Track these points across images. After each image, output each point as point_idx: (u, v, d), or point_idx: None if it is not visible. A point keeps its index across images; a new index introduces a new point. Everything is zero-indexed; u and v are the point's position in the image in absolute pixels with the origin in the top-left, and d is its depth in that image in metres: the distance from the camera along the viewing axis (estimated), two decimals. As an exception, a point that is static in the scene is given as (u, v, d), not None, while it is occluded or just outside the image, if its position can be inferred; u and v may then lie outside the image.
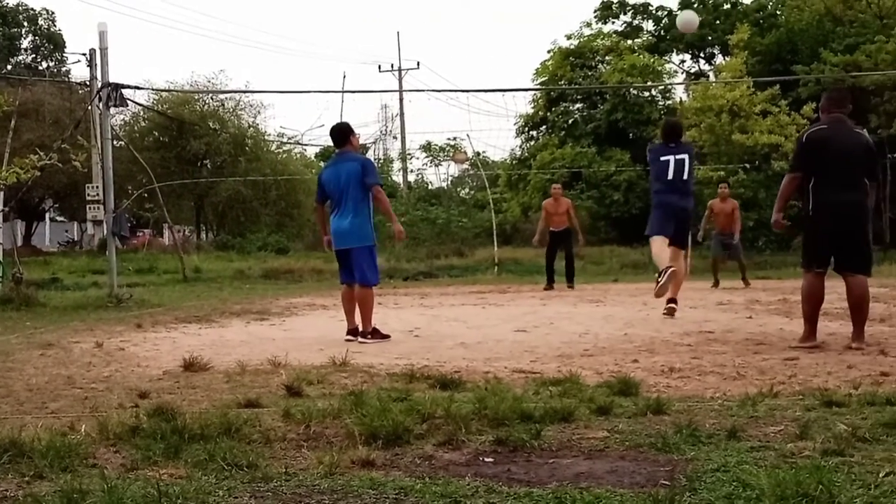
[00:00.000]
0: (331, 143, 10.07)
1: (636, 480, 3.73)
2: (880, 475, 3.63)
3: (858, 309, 8.10)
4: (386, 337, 9.34)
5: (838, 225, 7.98)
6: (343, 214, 9.36)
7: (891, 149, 29.18)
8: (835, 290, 15.41)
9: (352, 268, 9.44)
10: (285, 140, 43.66)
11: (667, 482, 3.65)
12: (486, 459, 4.15)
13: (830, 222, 7.98)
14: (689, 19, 13.26)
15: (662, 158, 11.34)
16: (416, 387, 5.96)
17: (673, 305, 11.22)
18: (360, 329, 9.36)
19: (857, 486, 3.50)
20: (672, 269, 10.70)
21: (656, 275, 10.99)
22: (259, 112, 41.41)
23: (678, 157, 11.27)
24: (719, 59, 41.08)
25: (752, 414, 4.89)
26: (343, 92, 23.42)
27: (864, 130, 8.62)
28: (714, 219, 19.01)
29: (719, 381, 6.27)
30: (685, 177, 11.25)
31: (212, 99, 40.01)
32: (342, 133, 9.67)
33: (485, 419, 4.74)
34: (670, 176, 11.22)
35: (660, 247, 11.32)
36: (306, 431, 4.67)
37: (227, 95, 39.88)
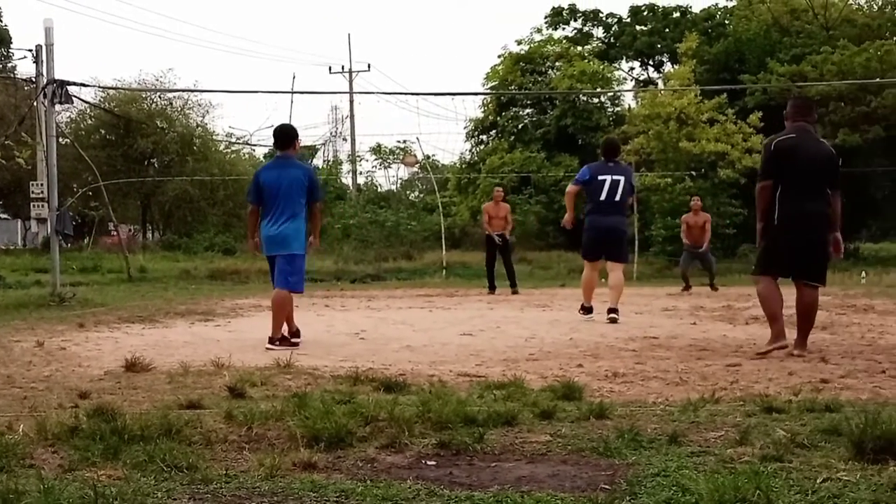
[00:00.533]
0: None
1: (577, 484, 3.74)
2: (818, 481, 3.67)
3: (807, 318, 8.13)
4: (294, 344, 8.98)
5: (802, 235, 7.96)
6: (278, 220, 9.06)
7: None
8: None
9: (278, 271, 9.18)
10: (234, 140, 43.43)
11: (607, 486, 3.67)
12: (429, 462, 4.14)
13: (795, 232, 7.94)
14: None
15: (600, 178, 11.60)
16: (361, 389, 5.94)
17: (614, 315, 11.39)
18: (270, 335, 8.99)
19: (795, 491, 3.54)
20: (590, 316, 11.64)
21: (580, 309, 11.91)
22: (207, 111, 41.18)
23: (615, 177, 11.57)
24: (668, 67, 41.43)
25: (693, 419, 4.93)
26: (292, 93, 23.34)
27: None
28: (687, 232, 19.26)
29: (662, 386, 6.32)
30: (617, 198, 11.52)
31: (160, 97, 39.71)
32: (287, 136, 9.40)
33: (428, 422, 4.73)
34: (603, 196, 11.52)
35: (587, 276, 12.01)
36: (248, 433, 4.64)
37: (176, 94, 39.64)
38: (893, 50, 29.82)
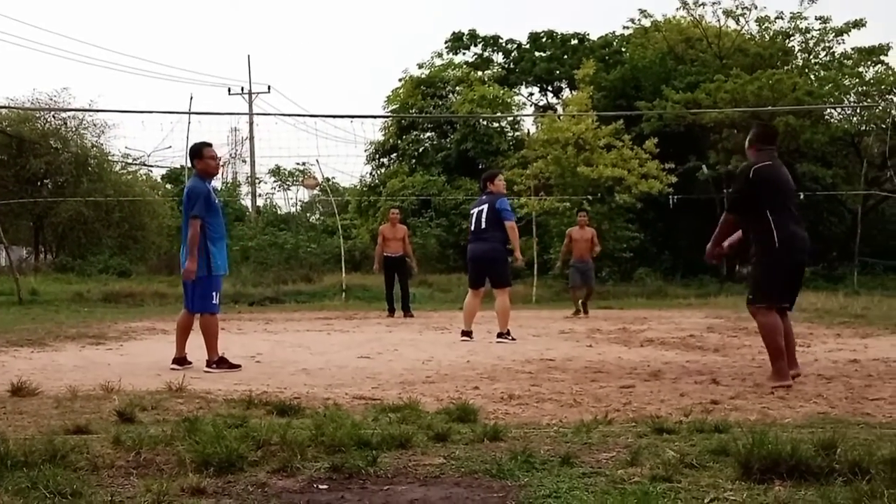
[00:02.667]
0: (177, 166, 9.83)
1: (469, 507, 3.74)
2: (705, 501, 3.72)
3: (792, 339, 7.99)
4: (236, 367, 8.92)
5: (800, 259, 7.88)
6: (182, 241, 9.11)
7: (727, 184, 30.23)
8: (671, 321, 15.86)
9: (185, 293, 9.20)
10: (130, 161, 42.68)
11: (498, 508, 3.67)
12: (321, 486, 4.10)
13: (795, 256, 7.80)
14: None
15: (472, 212, 12.48)
16: (254, 413, 5.87)
17: (502, 340, 11.88)
18: (207, 359, 9.00)
19: (683, 511, 3.58)
20: (466, 339, 12.05)
21: (461, 334, 12.33)
22: (103, 131, 40.33)
23: (479, 207, 12.28)
24: (566, 93, 41.94)
25: (585, 440, 4.96)
26: (190, 113, 22.94)
27: None
28: (573, 246, 19.23)
29: (556, 408, 6.36)
30: (483, 226, 12.14)
31: (54, 117, 38.83)
32: (191, 153, 9.50)
33: (321, 446, 4.68)
34: (472, 226, 12.33)
35: (468, 302, 12.58)
36: (136, 458, 4.54)
37: (70, 114, 38.78)
38: (784, 79, 30.64)
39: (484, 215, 12.11)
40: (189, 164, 9.40)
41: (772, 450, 4.11)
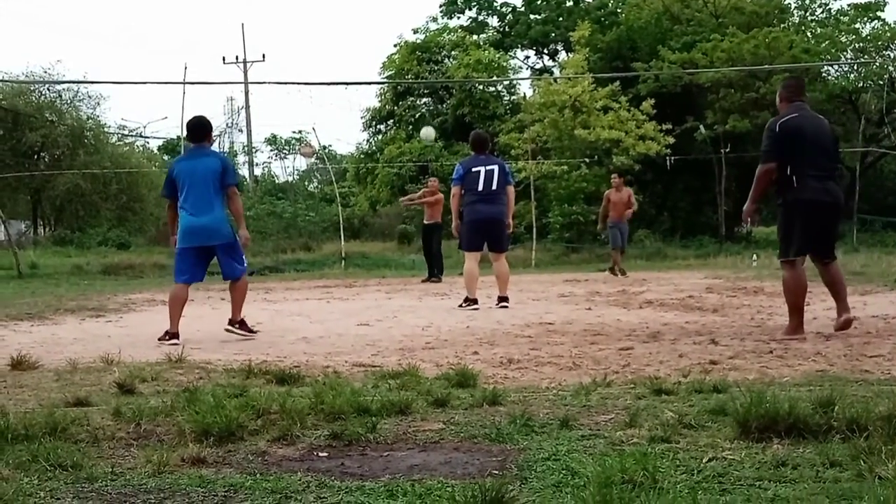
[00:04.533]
0: (173, 137, 9.85)
1: (468, 471, 3.75)
2: (703, 461, 3.73)
3: (838, 288, 8.19)
4: (252, 332, 9.09)
5: (824, 213, 8.01)
6: (199, 211, 8.97)
7: (726, 144, 30.22)
8: (671, 282, 15.88)
9: (221, 263, 9.17)
10: (126, 133, 42.61)
11: (497, 472, 3.68)
12: (321, 454, 4.11)
13: (813, 209, 7.94)
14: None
15: (474, 170, 11.87)
16: (254, 382, 5.87)
17: (505, 304, 11.71)
18: (230, 319, 9.13)
19: (681, 471, 3.59)
20: (476, 308, 11.50)
21: (464, 300, 11.84)
22: (98, 103, 40.33)
23: (488, 167, 11.83)
24: (562, 56, 41.82)
25: (584, 403, 4.97)
26: (185, 83, 22.88)
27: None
28: (612, 208, 19.38)
29: (556, 371, 6.37)
30: (494, 187, 11.73)
31: (48, 90, 38.76)
32: (200, 128, 9.35)
33: (321, 414, 4.69)
34: (480, 187, 11.76)
35: (470, 267, 11.98)
36: (136, 430, 4.55)
37: (65, 86, 38.68)
38: (781, 37, 30.55)
39: (496, 176, 11.72)
40: (192, 139, 9.33)
41: (770, 409, 4.11)
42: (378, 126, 43.04)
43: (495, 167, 11.86)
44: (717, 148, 30.94)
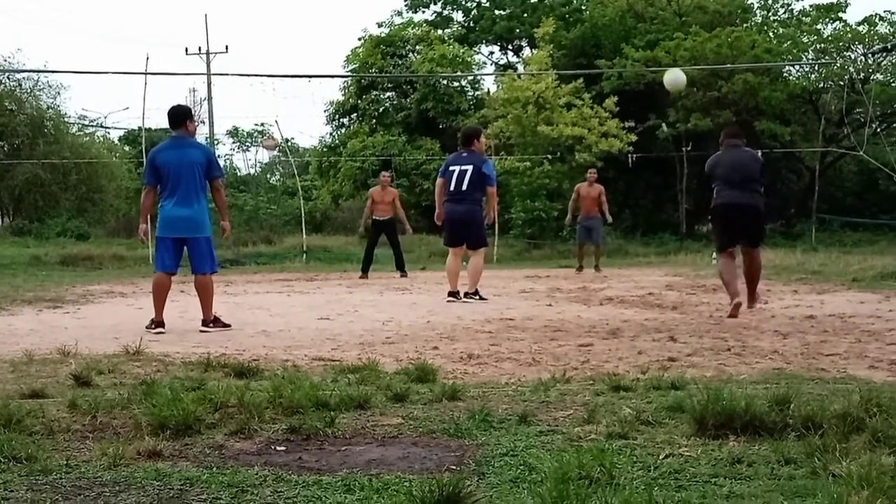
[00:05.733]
0: (134, 127, 9.85)
1: (427, 466, 3.75)
2: (660, 457, 3.75)
3: (752, 276, 10.26)
4: (227, 326, 9.14)
5: (735, 214, 10.07)
6: (183, 202, 9.03)
7: (688, 142, 30.39)
8: (631, 279, 15.96)
9: (192, 257, 9.24)
10: (87, 123, 42.21)
11: (455, 467, 3.68)
12: (278, 448, 4.10)
13: (729, 212, 10.12)
14: (674, 78, 13.61)
15: (451, 168, 12.07)
16: (212, 376, 5.84)
17: (469, 300, 11.84)
18: (203, 319, 9.20)
19: (638, 467, 3.61)
20: (454, 301, 11.75)
21: (448, 294, 12.00)
22: (59, 93, 39.85)
23: (462, 167, 11.95)
24: (527, 52, 41.88)
25: (543, 399, 4.99)
26: (146, 74, 22.70)
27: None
28: (581, 202, 19.24)
29: (515, 367, 6.38)
30: (464, 187, 11.88)
31: (8, 79, 38.26)
32: (181, 116, 9.38)
33: (280, 408, 4.67)
34: (452, 186, 11.97)
35: (448, 262, 12.35)
36: (92, 422, 4.51)
37: (25, 75, 38.22)
38: (743, 37, 30.77)
39: (467, 176, 11.84)
40: (173, 126, 9.32)
41: (726, 406, 4.14)
42: (341, 119, 42.88)
43: (469, 167, 11.90)
44: (678, 146, 31.12)
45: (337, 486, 3.46)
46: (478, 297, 11.85)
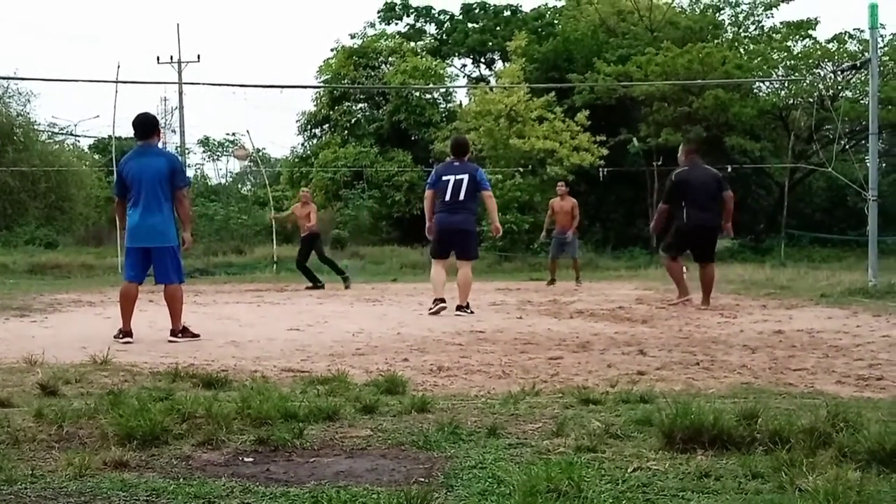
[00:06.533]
0: (105, 136, 9.77)
1: (395, 478, 3.73)
2: (628, 470, 3.75)
3: (708, 285, 12.64)
4: (196, 336, 9.08)
5: (700, 232, 12.34)
6: (148, 212, 8.99)
7: (658, 157, 30.52)
8: (601, 293, 15.97)
9: (156, 267, 9.21)
10: (57, 131, 41.95)
11: (423, 479, 3.67)
12: (246, 459, 4.07)
13: (695, 230, 12.30)
14: None
15: (444, 178, 11.81)
16: (180, 386, 5.80)
17: (461, 313, 11.66)
18: (172, 329, 9.15)
19: (606, 481, 3.61)
20: (443, 307, 11.59)
21: (432, 303, 11.75)
22: (28, 100, 39.65)
23: (458, 177, 11.73)
24: (499, 65, 41.99)
25: (513, 412, 4.98)
26: (118, 82, 22.62)
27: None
28: (554, 217, 19.30)
29: (485, 379, 6.37)
30: (461, 197, 11.67)
31: (-23, 86, 38.02)
32: (147, 125, 9.29)
33: (248, 419, 4.65)
34: (447, 197, 11.71)
35: (436, 272, 12.01)
36: (59, 432, 4.47)
37: (-6, 82, 37.97)
38: (714, 53, 30.95)
39: (464, 186, 11.63)
40: (140, 136, 9.24)
41: (694, 420, 4.15)
42: (313, 130, 42.82)
43: (465, 176, 11.72)
44: (649, 161, 31.25)
45: (305, 497, 3.44)
46: (469, 311, 11.71)
